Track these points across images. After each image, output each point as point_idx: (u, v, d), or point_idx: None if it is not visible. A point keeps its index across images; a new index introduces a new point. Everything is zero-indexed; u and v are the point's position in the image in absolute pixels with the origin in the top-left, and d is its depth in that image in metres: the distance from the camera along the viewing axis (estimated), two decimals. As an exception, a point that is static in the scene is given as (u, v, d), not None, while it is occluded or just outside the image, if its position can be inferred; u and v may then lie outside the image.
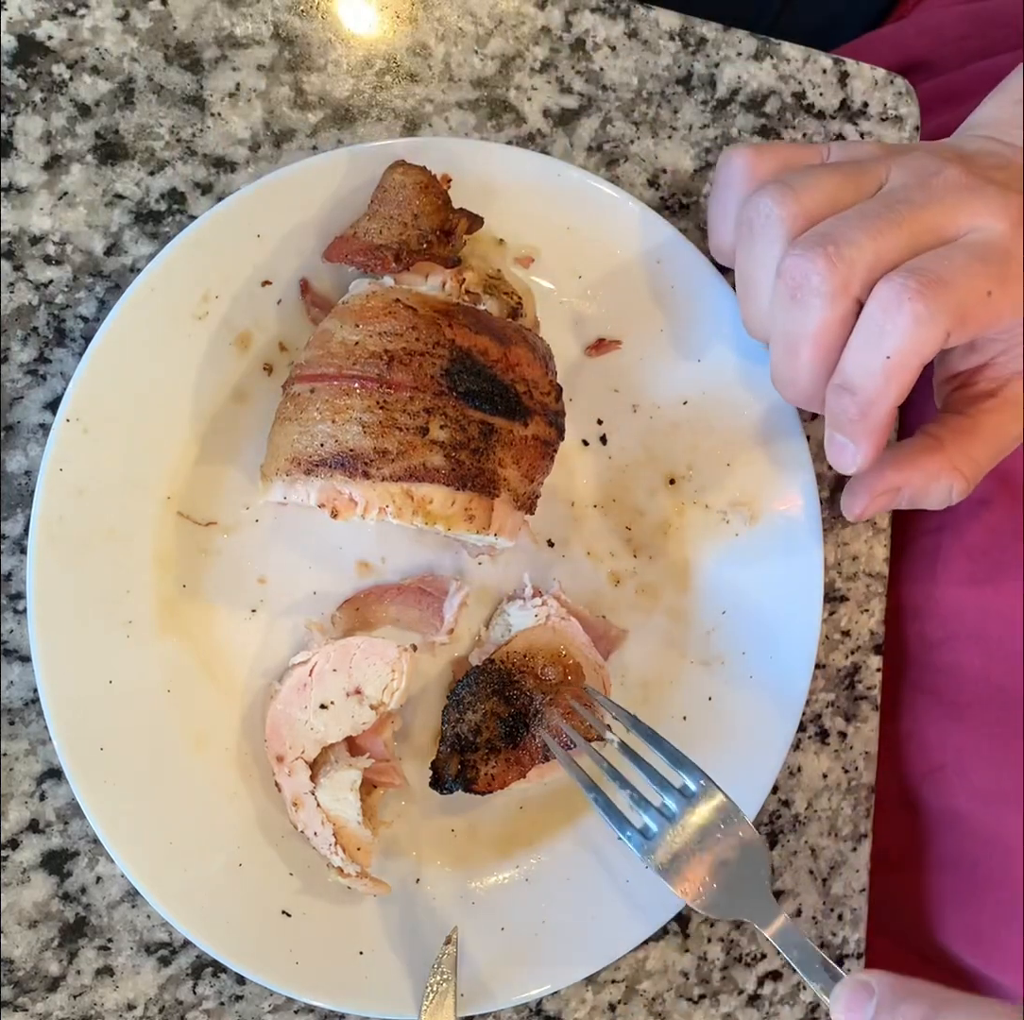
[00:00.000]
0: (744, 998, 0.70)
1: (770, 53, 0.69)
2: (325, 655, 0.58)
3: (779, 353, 0.56)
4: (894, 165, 0.55)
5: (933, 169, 0.53)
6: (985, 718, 0.69)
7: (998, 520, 0.69)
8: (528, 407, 0.54)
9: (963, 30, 0.85)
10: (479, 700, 0.59)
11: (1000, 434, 0.57)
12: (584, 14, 0.65)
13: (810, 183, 0.54)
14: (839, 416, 0.54)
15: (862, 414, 0.53)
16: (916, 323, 0.49)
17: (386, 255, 0.54)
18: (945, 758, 0.72)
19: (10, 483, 0.58)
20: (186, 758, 0.58)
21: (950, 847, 0.73)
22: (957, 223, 0.51)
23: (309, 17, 0.61)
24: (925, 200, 0.51)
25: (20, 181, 0.57)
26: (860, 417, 0.53)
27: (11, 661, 0.58)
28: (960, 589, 0.70)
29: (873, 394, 0.52)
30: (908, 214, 0.51)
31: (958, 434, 0.57)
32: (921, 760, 0.73)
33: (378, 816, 0.60)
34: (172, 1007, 0.60)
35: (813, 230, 0.52)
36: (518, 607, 0.62)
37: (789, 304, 0.52)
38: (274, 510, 0.60)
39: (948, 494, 0.57)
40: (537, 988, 0.61)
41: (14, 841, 0.58)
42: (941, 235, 0.51)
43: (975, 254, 0.50)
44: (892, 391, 0.51)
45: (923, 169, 0.53)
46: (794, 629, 0.65)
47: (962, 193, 0.51)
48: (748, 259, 0.56)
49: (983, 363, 0.57)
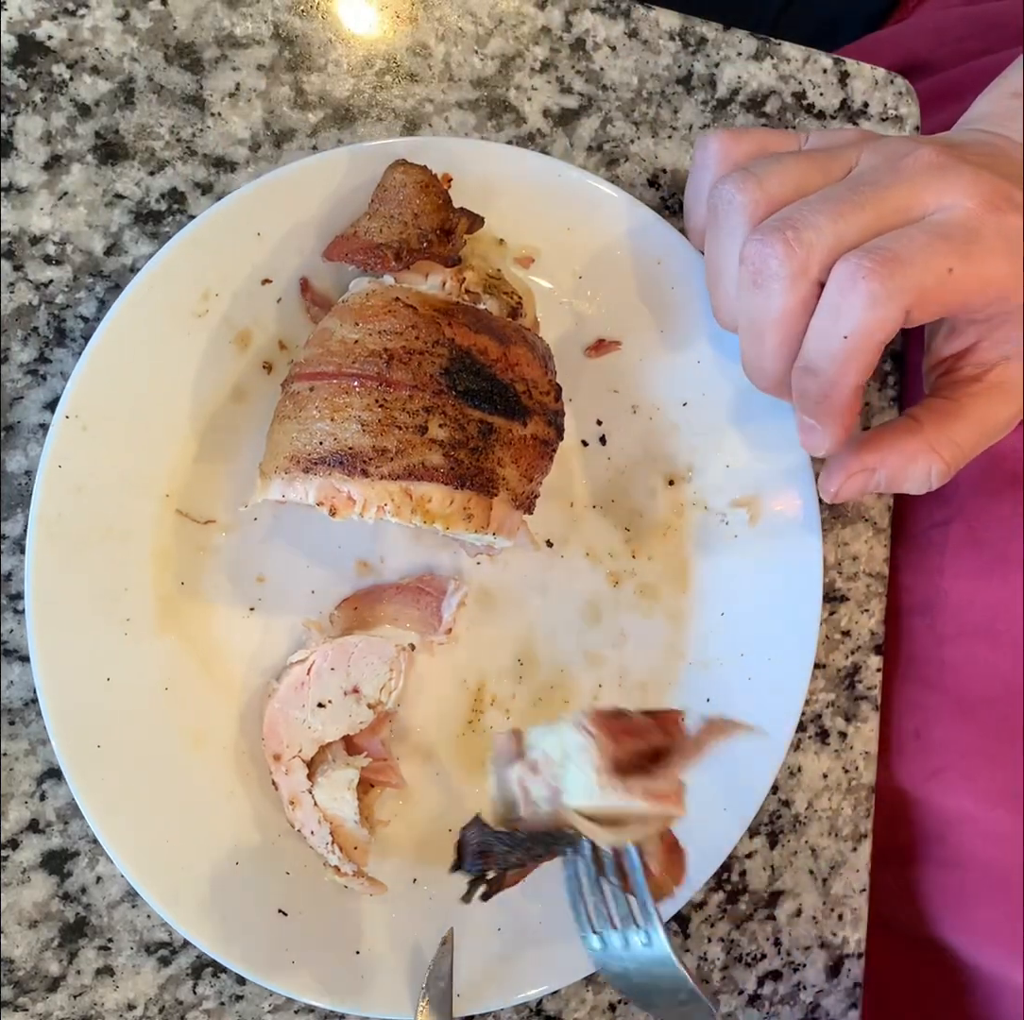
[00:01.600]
0: (744, 998, 0.70)
1: (770, 53, 0.69)
2: (323, 654, 0.58)
3: (746, 341, 0.56)
4: (866, 150, 0.54)
5: (904, 151, 0.52)
6: (993, 714, 0.69)
7: (1007, 512, 0.69)
8: (527, 407, 0.54)
9: (963, 31, 0.85)
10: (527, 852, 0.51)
11: (985, 419, 0.56)
12: (584, 14, 0.65)
13: (775, 169, 0.53)
14: (804, 398, 0.54)
15: (824, 395, 0.53)
16: (871, 302, 0.48)
17: (386, 254, 0.54)
18: (949, 758, 0.71)
19: (10, 483, 0.58)
20: (183, 756, 0.58)
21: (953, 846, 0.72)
22: (923, 202, 0.50)
23: (309, 17, 0.61)
24: (891, 181, 0.51)
25: (20, 181, 0.57)
26: (823, 398, 0.53)
27: (11, 661, 0.58)
28: (969, 582, 0.70)
29: (833, 375, 0.52)
30: (872, 195, 0.50)
31: (940, 416, 0.56)
32: (925, 759, 0.73)
33: (375, 815, 0.60)
34: (172, 1007, 0.60)
35: (775, 215, 0.52)
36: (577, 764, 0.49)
37: (751, 290, 0.52)
38: (273, 508, 0.60)
39: (927, 477, 0.57)
40: (537, 988, 0.61)
41: (14, 841, 0.58)
42: (906, 215, 0.50)
43: (937, 232, 0.49)
44: (852, 371, 0.51)
45: (894, 152, 0.53)
46: (794, 630, 0.65)
47: (931, 171, 0.50)
48: (713, 247, 0.56)
49: (967, 348, 0.56)
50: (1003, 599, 0.68)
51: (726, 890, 0.69)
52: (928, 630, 0.73)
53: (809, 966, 0.72)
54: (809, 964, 0.72)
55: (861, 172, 0.53)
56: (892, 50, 0.88)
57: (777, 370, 0.55)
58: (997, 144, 0.54)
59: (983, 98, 0.60)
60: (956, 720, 0.71)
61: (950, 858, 0.73)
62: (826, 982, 0.72)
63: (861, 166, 0.54)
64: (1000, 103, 0.58)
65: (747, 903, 0.70)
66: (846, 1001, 0.73)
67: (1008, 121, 0.56)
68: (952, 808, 0.72)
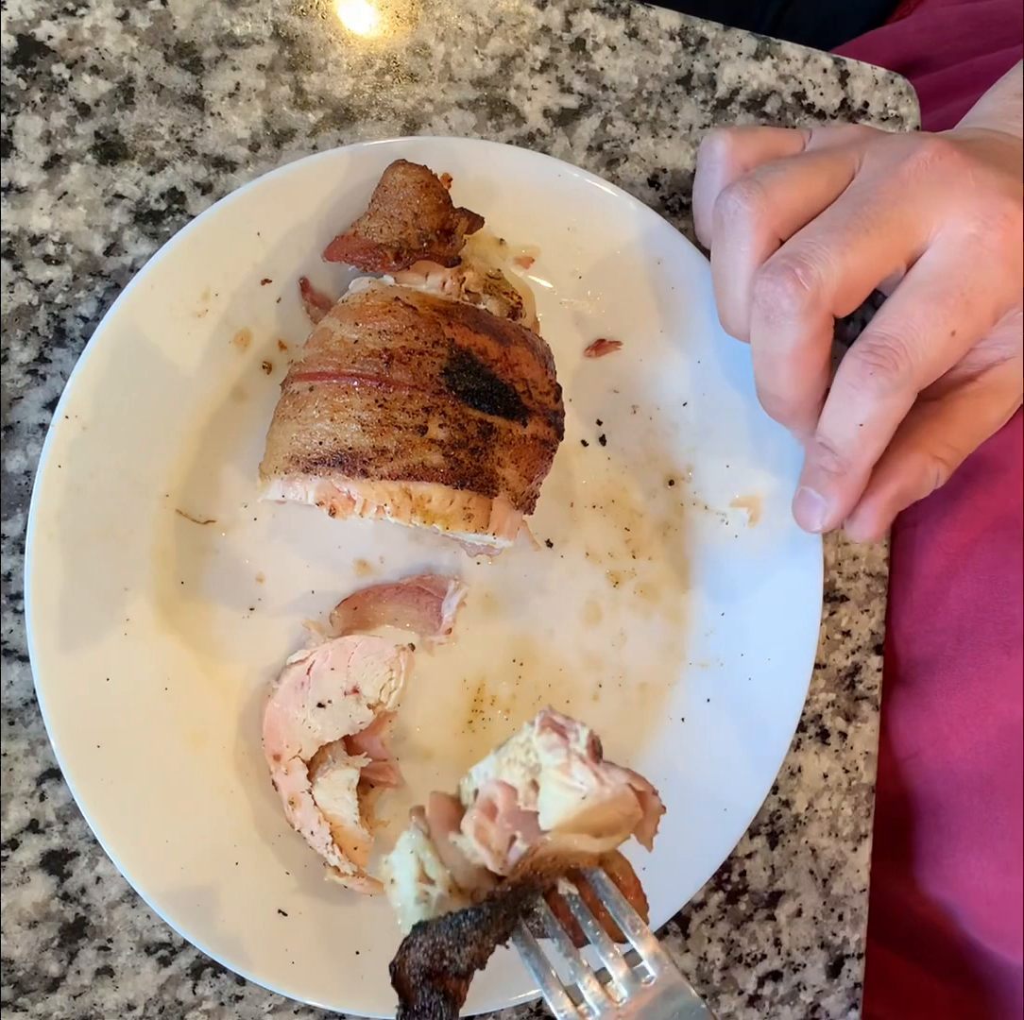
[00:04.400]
0: (744, 998, 0.70)
1: (770, 53, 0.69)
2: (323, 654, 0.58)
3: (761, 374, 0.57)
4: (867, 151, 0.55)
5: (905, 152, 0.53)
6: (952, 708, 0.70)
7: (967, 514, 0.69)
8: (527, 407, 0.54)
9: (964, 29, 0.85)
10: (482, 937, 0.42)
11: (976, 420, 0.57)
12: (584, 14, 0.65)
13: (779, 177, 0.54)
14: (817, 471, 0.57)
15: (841, 471, 0.55)
16: (881, 395, 0.52)
17: (386, 254, 0.54)
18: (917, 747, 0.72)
19: (10, 483, 0.58)
20: (183, 756, 0.58)
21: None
22: (928, 223, 0.51)
23: (309, 17, 0.61)
24: (894, 196, 0.52)
25: (20, 181, 0.57)
26: (839, 474, 0.56)
27: (11, 661, 0.58)
28: (935, 583, 0.71)
29: (851, 456, 0.55)
30: (875, 217, 0.51)
31: (932, 422, 0.57)
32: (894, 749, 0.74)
33: (375, 815, 0.60)
34: (172, 1007, 0.60)
35: (782, 251, 0.53)
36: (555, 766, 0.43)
37: (764, 326, 0.54)
38: (272, 508, 0.60)
39: (934, 482, 0.58)
40: (537, 988, 0.60)
41: (14, 841, 0.58)
42: (911, 240, 0.52)
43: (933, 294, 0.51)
44: (868, 452, 0.54)
45: (895, 153, 0.53)
46: (794, 630, 0.65)
47: (933, 185, 0.51)
48: (720, 256, 0.57)
49: None
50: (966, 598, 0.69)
51: (726, 890, 0.69)
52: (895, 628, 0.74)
53: (809, 966, 0.72)
54: (809, 964, 0.72)
55: (862, 182, 0.54)
56: (893, 47, 0.88)
57: (791, 400, 0.56)
58: (998, 140, 0.55)
59: (986, 98, 0.61)
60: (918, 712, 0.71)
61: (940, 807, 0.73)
62: (826, 982, 0.72)
63: (864, 172, 0.55)
64: (1002, 103, 0.59)
65: (747, 903, 0.70)
66: (846, 1001, 0.73)
67: (1010, 120, 0.57)
68: None
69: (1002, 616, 0.67)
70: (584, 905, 0.44)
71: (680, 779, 0.64)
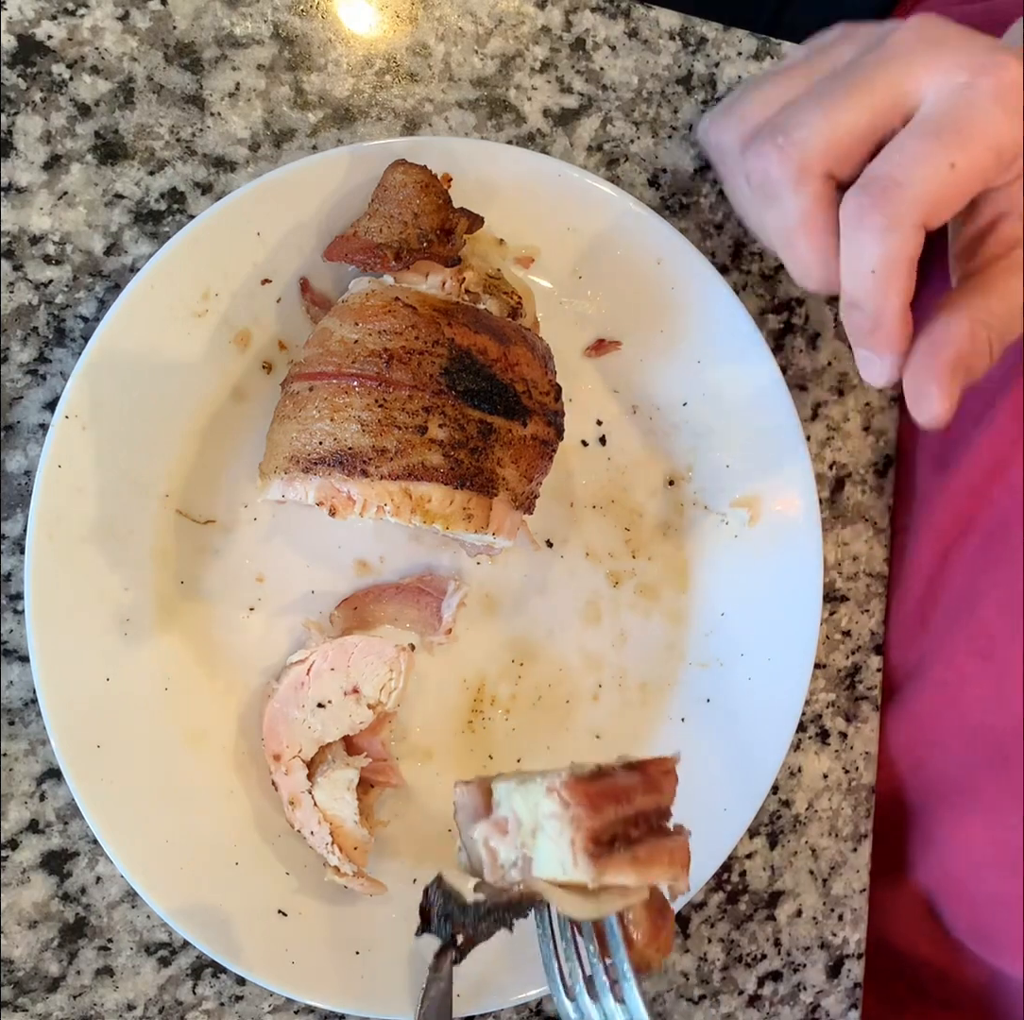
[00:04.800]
0: (744, 998, 0.70)
1: (770, 52, 0.69)
2: (323, 654, 0.58)
3: (782, 254, 0.55)
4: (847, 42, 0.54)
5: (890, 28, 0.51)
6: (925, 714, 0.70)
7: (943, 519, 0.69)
8: (527, 407, 0.54)
9: None
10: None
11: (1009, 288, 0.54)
12: (584, 14, 0.65)
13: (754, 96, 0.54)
14: (857, 332, 0.54)
15: (875, 325, 0.52)
16: (882, 235, 0.49)
17: (386, 254, 0.54)
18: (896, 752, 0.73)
19: (10, 483, 0.58)
20: (183, 756, 0.58)
21: None
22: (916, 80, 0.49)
23: (309, 17, 0.61)
24: (877, 59, 0.50)
25: (20, 181, 0.57)
26: (874, 328, 0.53)
27: (11, 661, 0.58)
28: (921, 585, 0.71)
29: (875, 305, 0.51)
30: (860, 78, 0.50)
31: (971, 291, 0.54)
32: None
33: (375, 816, 0.60)
34: (172, 1007, 0.60)
35: (765, 125, 0.52)
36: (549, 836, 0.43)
37: (765, 203, 0.52)
38: (272, 508, 0.60)
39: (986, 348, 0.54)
40: (537, 988, 0.60)
41: (14, 841, 0.58)
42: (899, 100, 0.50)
43: (928, 131, 0.48)
44: (892, 296, 0.51)
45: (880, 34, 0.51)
46: (794, 631, 0.65)
47: (918, 46, 0.50)
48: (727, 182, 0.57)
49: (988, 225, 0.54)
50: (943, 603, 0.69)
51: (726, 890, 0.69)
52: None
53: (809, 966, 0.72)
54: (809, 964, 0.72)
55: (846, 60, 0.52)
56: None
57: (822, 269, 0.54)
58: None
59: None
60: None
61: None
62: (826, 982, 0.72)
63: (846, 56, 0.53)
64: None
65: (747, 903, 0.70)
66: (846, 1001, 0.73)
67: None
68: None
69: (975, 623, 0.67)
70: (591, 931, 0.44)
71: (680, 779, 0.64)
